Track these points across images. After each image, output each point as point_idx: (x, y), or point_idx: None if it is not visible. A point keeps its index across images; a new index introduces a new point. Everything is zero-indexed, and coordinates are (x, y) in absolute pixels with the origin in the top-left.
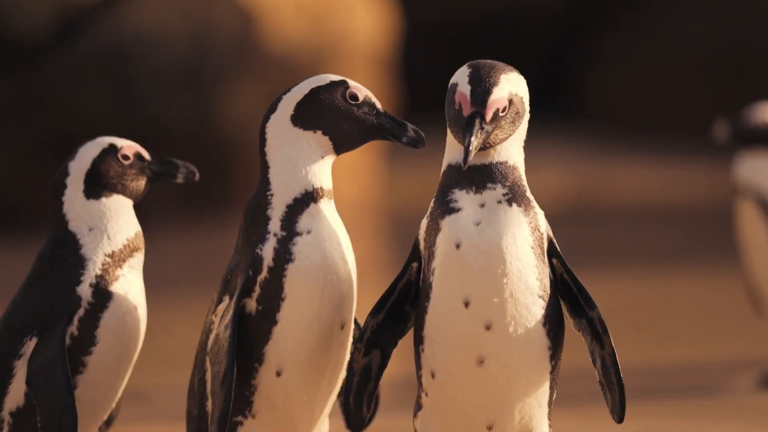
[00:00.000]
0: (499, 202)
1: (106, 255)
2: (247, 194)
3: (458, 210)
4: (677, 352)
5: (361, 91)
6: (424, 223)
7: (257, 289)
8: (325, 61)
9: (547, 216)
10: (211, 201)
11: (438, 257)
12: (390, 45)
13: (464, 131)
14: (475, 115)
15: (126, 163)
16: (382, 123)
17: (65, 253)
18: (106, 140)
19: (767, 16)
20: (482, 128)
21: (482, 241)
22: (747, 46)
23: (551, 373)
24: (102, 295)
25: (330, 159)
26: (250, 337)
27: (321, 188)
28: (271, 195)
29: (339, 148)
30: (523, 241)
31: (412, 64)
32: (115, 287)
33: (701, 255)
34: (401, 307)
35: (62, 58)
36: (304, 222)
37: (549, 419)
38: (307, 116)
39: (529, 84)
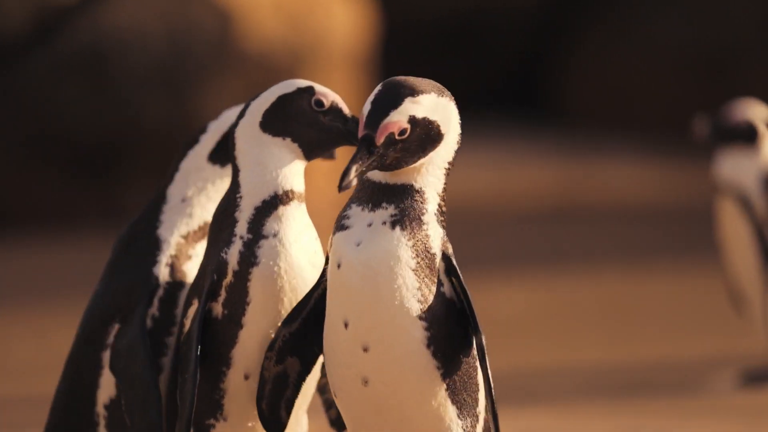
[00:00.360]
0: (384, 223)
1: (181, 236)
2: None
3: (347, 228)
4: (658, 350)
5: (327, 97)
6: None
7: (223, 293)
8: (304, 61)
9: (527, 215)
10: None
11: (327, 274)
12: (368, 45)
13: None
14: (364, 137)
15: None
16: (348, 129)
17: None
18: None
19: (746, 14)
20: (370, 152)
21: (359, 263)
22: (726, 45)
23: (448, 390)
24: (179, 274)
25: (301, 163)
26: (217, 341)
27: (291, 191)
28: (240, 198)
29: (308, 154)
30: (402, 264)
31: (390, 64)
32: (190, 267)
33: (682, 253)
34: (320, 314)
35: (40, 58)
36: (270, 225)
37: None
38: (275, 123)
39: (507, 83)
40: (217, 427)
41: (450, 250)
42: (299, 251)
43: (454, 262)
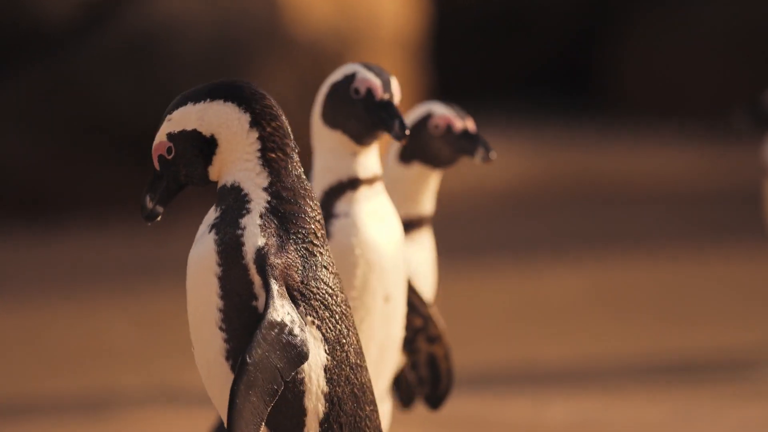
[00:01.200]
0: (208, 227)
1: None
2: None
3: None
4: (710, 334)
5: (364, 83)
6: None
7: None
8: (353, 47)
9: (575, 199)
10: None
11: None
12: (418, 30)
13: None
14: (154, 169)
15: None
16: (373, 117)
17: None
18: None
19: None
20: (157, 178)
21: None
22: None
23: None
24: None
25: (359, 150)
26: None
27: (356, 178)
28: (312, 180)
29: (359, 142)
30: (207, 271)
31: (440, 50)
32: None
33: (732, 237)
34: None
35: (89, 47)
36: (340, 206)
37: None
38: (328, 115)
39: (556, 67)
40: None
41: (272, 257)
42: (373, 228)
43: (271, 271)
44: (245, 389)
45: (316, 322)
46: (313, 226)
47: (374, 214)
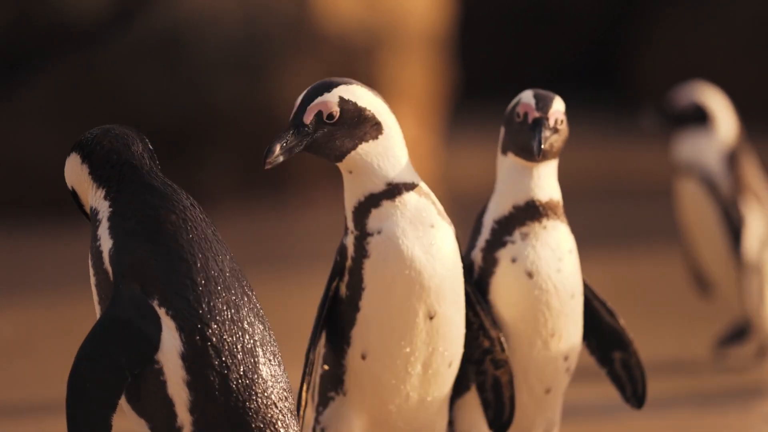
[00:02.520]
0: None
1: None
2: (304, 176)
3: None
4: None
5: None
6: None
7: (346, 275)
8: (381, 42)
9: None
10: (268, 184)
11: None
12: (445, 25)
13: None
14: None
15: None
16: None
17: None
18: None
19: None
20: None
21: None
22: None
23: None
24: None
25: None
26: (341, 320)
27: (383, 191)
28: (345, 195)
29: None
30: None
31: (467, 44)
32: None
33: None
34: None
35: (117, 41)
36: (372, 223)
37: None
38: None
39: (585, 61)
40: (336, 400)
41: (120, 256)
42: (410, 244)
43: (119, 270)
44: (77, 383)
45: (170, 312)
46: (164, 216)
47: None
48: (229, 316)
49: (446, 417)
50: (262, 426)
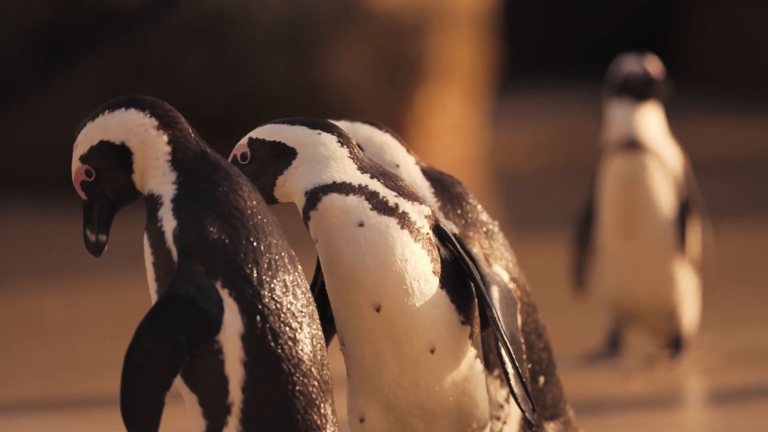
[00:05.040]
0: None
1: None
2: None
3: None
4: None
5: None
6: None
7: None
8: (429, 21)
9: None
10: None
11: None
12: (491, 4)
13: None
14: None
15: None
16: None
17: None
18: None
19: None
20: None
21: None
22: None
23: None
24: None
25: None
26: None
27: (303, 205)
28: None
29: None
30: (145, 259)
31: (512, 24)
32: None
33: None
34: None
35: (165, 23)
36: (313, 233)
37: None
38: None
39: (630, 41)
40: (348, 382)
41: (185, 236)
42: (336, 248)
43: (183, 249)
44: (135, 359)
45: (234, 293)
46: (232, 199)
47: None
48: (288, 301)
49: (478, 402)
50: (307, 407)
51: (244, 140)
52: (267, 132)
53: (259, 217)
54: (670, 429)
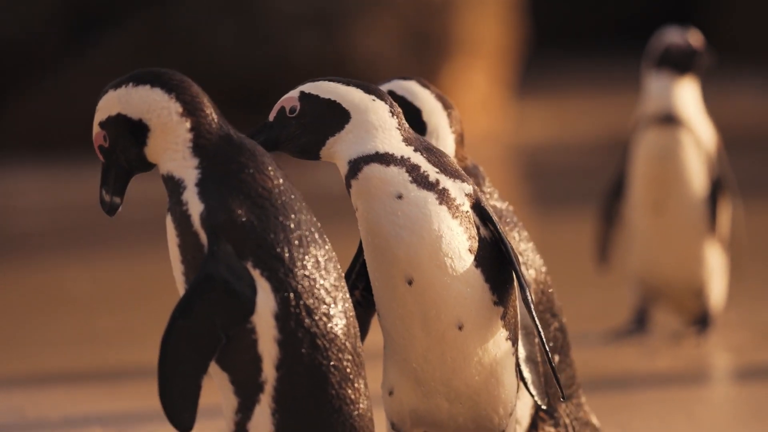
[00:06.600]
0: None
1: None
2: None
3: None
4: None
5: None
6: None
7: None
8: None
9: None
10: None
11: None
12: None
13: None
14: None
15: None
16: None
17: None
18: None
19: None
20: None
21: None
22: None
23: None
24: None
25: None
26: None
27: (346, 173)
28: None
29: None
30: (169, 240)
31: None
32: None
33: None
34: None
35: None
36: (354, 202)
37: None
38: None
39: (656, 13)
40: (384, 354)
41: (214, 217)
42: (375, 218)
43: (213, 230)
44: (172, 344)
45: (266, 273)
46: (259, 179)
47: None
48: (321, 275)
49: (506, 384)
50: (342, 382)
51: (295, 93)
52: (321, 89)
53: (287, 194)
54: (697, 405)
